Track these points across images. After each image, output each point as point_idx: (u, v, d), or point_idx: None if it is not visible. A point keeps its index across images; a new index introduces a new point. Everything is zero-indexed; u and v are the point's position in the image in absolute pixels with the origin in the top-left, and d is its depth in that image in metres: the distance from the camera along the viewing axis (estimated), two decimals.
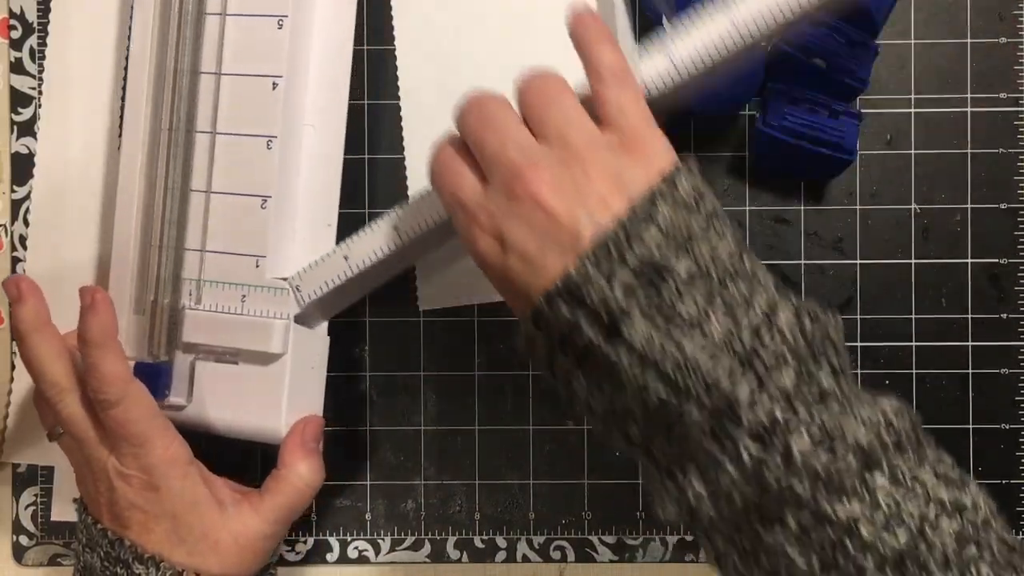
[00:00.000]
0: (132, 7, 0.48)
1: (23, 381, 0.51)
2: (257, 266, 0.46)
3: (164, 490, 0.43)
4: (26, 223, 0.52)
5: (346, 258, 0.45)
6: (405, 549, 0.53)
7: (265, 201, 0.46)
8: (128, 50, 0.48)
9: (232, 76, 0.46)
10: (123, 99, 0.52)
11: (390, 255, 0.45)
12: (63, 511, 0.52)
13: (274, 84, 0.46)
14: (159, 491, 0.43)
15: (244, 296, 0.46)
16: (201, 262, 0.47)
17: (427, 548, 0.53)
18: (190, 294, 0.47)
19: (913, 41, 0.53)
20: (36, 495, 0.53)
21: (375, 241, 0.45)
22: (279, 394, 0.46)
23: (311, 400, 0.48)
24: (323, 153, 0.48)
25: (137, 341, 0.47)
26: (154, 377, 0.45)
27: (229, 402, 0.47)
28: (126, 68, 0.50)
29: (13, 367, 0.52)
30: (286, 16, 0.45)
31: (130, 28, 0.47)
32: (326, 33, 0.47)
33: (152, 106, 0.47)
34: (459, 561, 0.53)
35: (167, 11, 0.46)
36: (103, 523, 0.44)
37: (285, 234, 0.47)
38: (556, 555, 0.53)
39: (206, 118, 0.46)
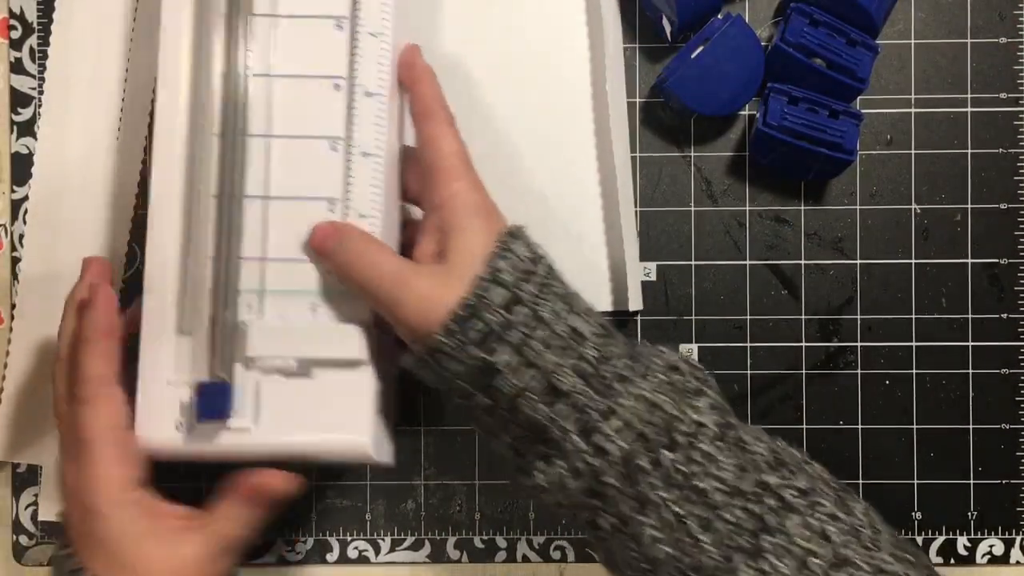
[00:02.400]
0: (159, 11, 0.44)
1: (14, 379, 0.51)
2: (330, 271, 0.43)
3: (99, 515, 0.40)
4: (26, 223, 0.52)
5: None
6: (405, 549, 0.53)
7: (332, 204, 0.43)
8: (159, 52, 0.44)
9: (290, 78, 0.44)
10: (123, 99, 0.52)
11: None
12: (51, 510, 0.52)
13: (336, 85, 0.43)
14: (94, 515, 0.40)
15: (314, 305, 0.43)
16: (262, 272, 0.43)
17: (427, 548, 0.53)
18: (250, 306, 0.43)
19: (913, 41, 0.53)
20: (36, 495, 0.53)
21: None
22: (364, 405, 0.42)
23: (390, 409, 0.46)
24: (388, 152, 0.44)
25: (191, 359, 0.42)
26: (214, 398, 0.41)
27: (304, 421, 0.42)
28: (125, 72, 0.50)
29: (5, 366, 0.52)
30: (345, 17, 0.44)
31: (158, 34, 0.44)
32: (388, 36, 0.45)
33: (191, 109, 0.43)
34: (459, 561, 0.53)
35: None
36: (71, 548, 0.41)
37: None
38: (556, 555, 0.53)
39: (260, 120, 0.43)
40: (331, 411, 0.42)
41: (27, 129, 0.52)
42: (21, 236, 0.52)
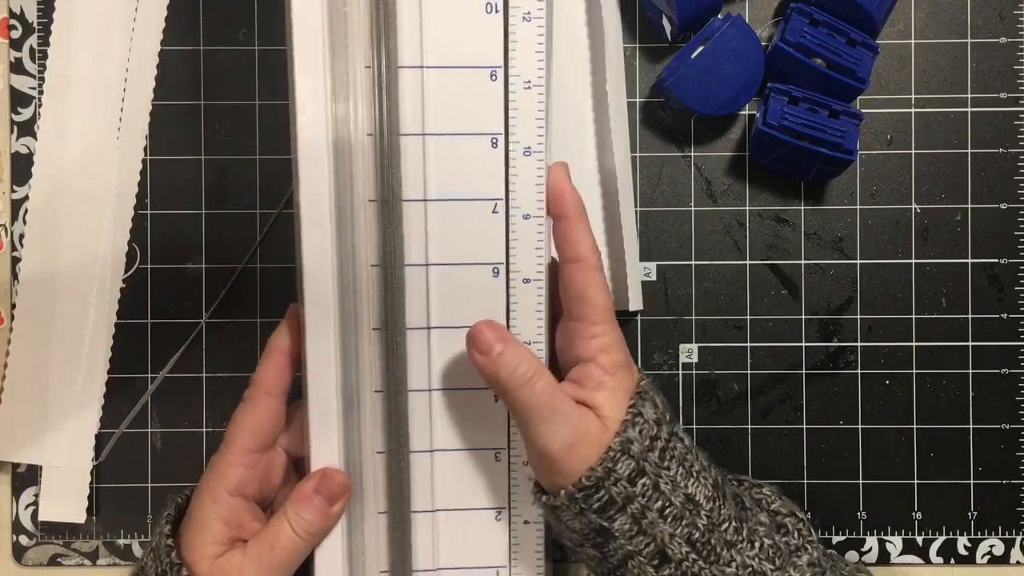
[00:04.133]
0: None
1: (14, 379, 0.51)
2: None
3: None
4: (26, 223, 0.52)
5: None
6: None
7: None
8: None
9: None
10: (123, 99, 0.52)
11: None
12: (51, 511, 0.52)
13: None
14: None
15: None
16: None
17: None
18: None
19: (913, 41, 0.53)
20: (36, 495, 0.53)
21: None
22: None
23: None
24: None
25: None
26: None
27: None
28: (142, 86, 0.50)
29: (5, 366, 0.52)
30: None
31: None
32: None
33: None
34: None
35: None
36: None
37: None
38: (557, 555, 0.53)
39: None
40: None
41: (27, 129, 0.52)
42: (21, 236, 0.52)
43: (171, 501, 0.43)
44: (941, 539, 0.52)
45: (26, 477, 0.53)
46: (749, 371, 0.52)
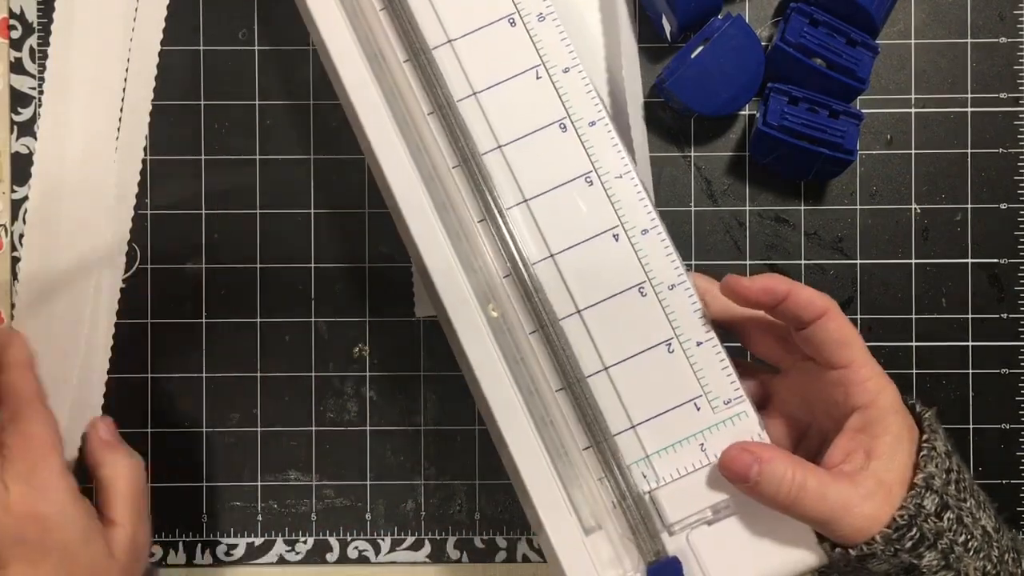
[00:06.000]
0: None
1: None
2: (698, 408, 0.42)
3: (53, 518, 0.41)
4: (26, 223, 0.52)
5: None
6: (405, 549, 0.53)
7: (670, 344, 0.42)
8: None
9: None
10: (123, 99, 0.52)
11: None
12: None
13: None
14: (47, 520, 0.41)
15: (701, 443, 0.41)
16: (638, 440, 0.41)
17: (427, 548, 0.53)
18: (643, 476, 0.41)
19: (913, 41, 0.53)
20: None
21: None
22: None
23: None
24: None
25: (614, 552, 0.41)
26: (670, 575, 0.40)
27: (748, 556, 0.41)
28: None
29: None
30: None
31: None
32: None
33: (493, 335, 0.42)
34: (459, 561, 0.53)
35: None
36: None
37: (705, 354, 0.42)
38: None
39: (566, 301, 0.42)
40: (769, 535, 0.41)
41: (27, 129, 0.52)
42: (21, 236, 0.52)
43: None
44: None
45: None
46: None
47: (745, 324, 0.43)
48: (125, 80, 0.52)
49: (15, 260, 0.53)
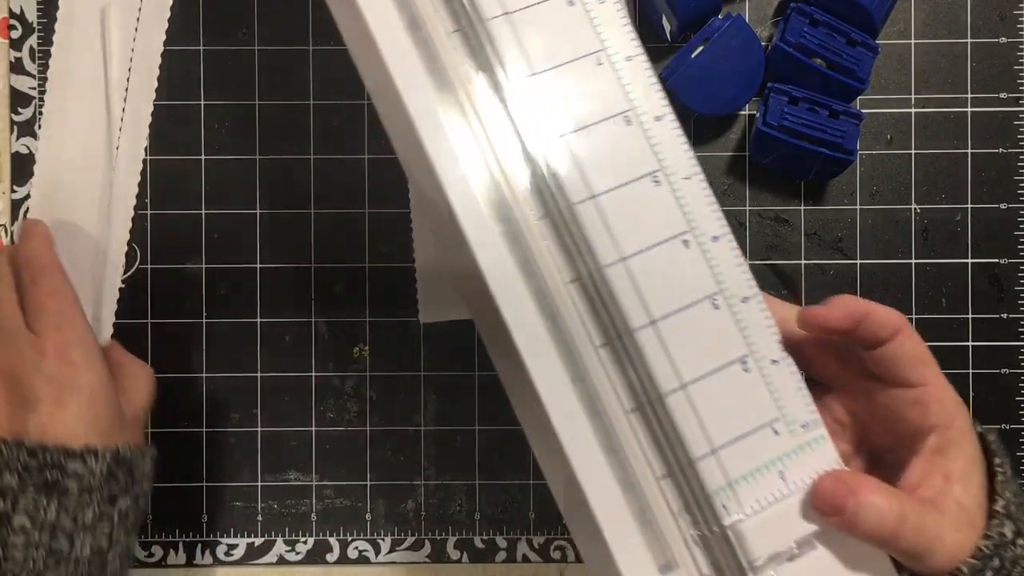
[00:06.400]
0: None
1: None
2: (776, 432, 0.38)
3: (82, 363, 0.43)
4: None
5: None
6: (405, 549, 0.53)
7: (745, 362, 0.38)
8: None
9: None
10: (124, 100, 0.52)
11: None
12: None
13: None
14: (76, 365, 0.43)
15: (781, 471, 0.37)
16: (720, 466, 0.37)
17: (427, 548, 0.53)
18: (724, 507, 0.37)
19: (913, 41, 0.53)
20: None
21: None
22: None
23: None
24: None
25: None
26: None
27: None
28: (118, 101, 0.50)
29: None
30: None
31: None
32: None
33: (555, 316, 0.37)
34: (459, 561, 0.53)
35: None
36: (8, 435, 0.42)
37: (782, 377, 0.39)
38: (556, 555, 0.53)
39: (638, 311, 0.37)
40: (852, 568, 0.37)
41: (27, 129, 0.52)
42: None
43: None
44: None
45: None
46: None
47: (802, 342, 0.40)
48: (127, 80, 0.52)
49: None
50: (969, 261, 0.53)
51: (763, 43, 0.51)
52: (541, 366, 0.37)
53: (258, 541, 0.53)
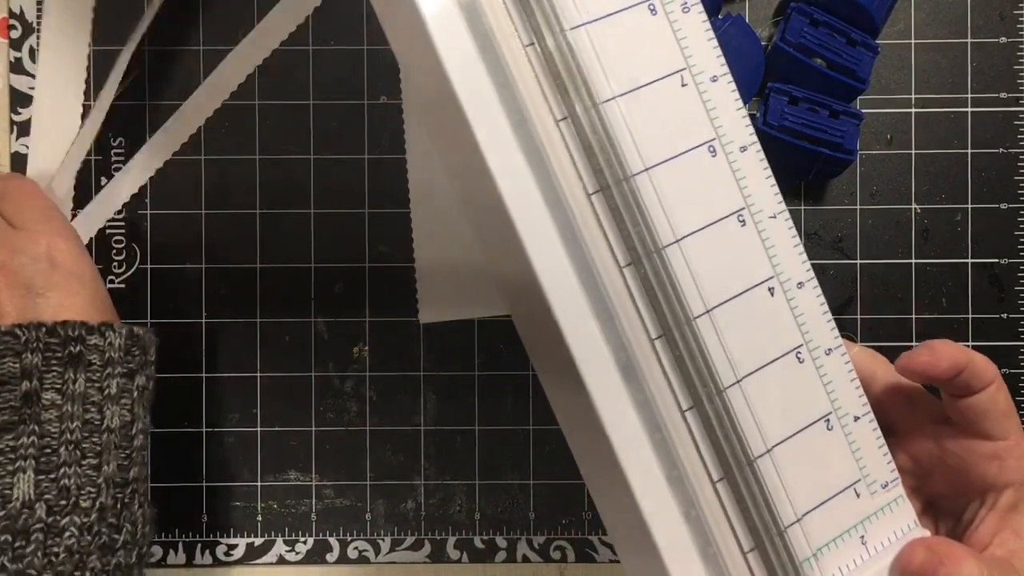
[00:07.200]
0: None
1: None
2: (857, 495, 0.36)
3: (79, 253, 0.44)
4: None
5: None
6: (405, 549, 0.53)
7: (828, 421, 0.36)
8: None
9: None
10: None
11: None
12: None
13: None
14: (75, 255, 0.44)
15: (863, 536, 0.36)
16: (804, 535, 0.35)
17: (427, 548, 0.53)
18: None
19: (913, 41, 0.53)
20: None
21: None
22: None
23: None
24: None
25: None
26: None
27: None
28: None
29: None
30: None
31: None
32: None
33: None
34: (459, 561, 0.53)
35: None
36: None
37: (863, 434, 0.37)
38: (556, 555, 0.53)
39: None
40: None
41: (27, 129, 0.52)
42: None
43: None
44: None
45: None
46: None
47: (871, 384, 0.39)
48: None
49: None
50: (969, 261, 0.53)
51: (763, 43, 0.51)
52: (620, 428, 0.33)
53: (258, 541, 0.53)
